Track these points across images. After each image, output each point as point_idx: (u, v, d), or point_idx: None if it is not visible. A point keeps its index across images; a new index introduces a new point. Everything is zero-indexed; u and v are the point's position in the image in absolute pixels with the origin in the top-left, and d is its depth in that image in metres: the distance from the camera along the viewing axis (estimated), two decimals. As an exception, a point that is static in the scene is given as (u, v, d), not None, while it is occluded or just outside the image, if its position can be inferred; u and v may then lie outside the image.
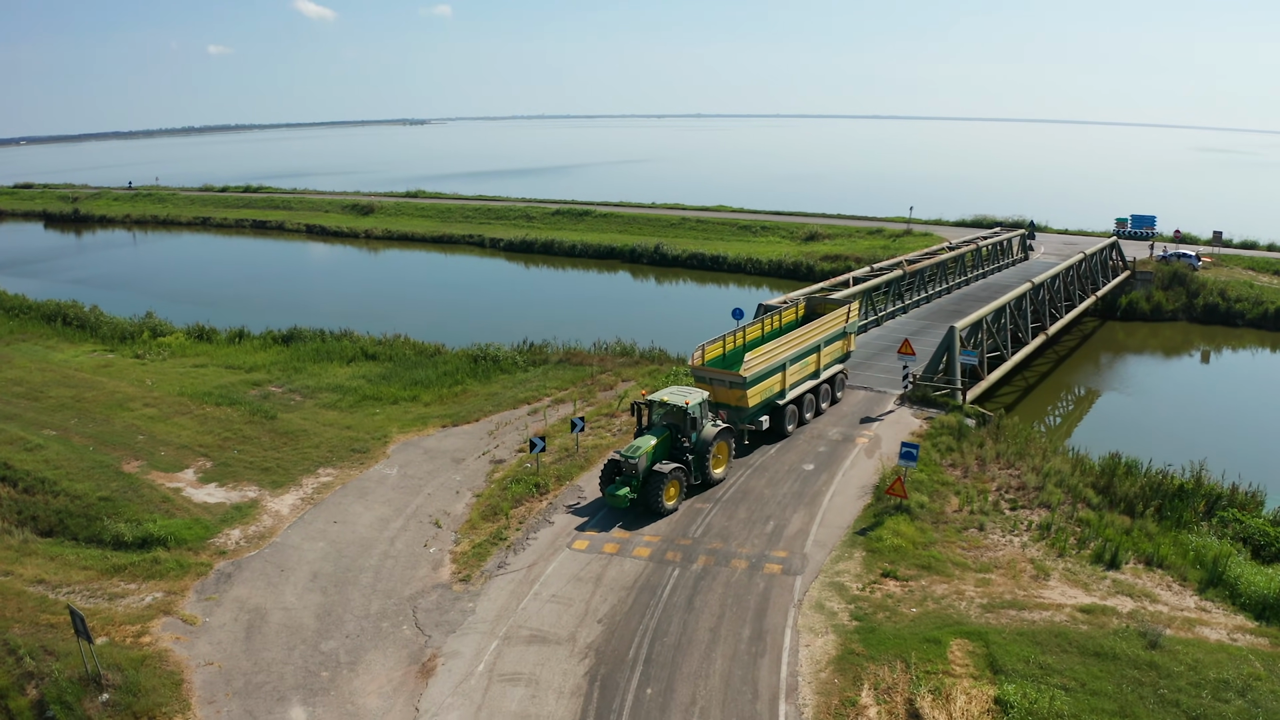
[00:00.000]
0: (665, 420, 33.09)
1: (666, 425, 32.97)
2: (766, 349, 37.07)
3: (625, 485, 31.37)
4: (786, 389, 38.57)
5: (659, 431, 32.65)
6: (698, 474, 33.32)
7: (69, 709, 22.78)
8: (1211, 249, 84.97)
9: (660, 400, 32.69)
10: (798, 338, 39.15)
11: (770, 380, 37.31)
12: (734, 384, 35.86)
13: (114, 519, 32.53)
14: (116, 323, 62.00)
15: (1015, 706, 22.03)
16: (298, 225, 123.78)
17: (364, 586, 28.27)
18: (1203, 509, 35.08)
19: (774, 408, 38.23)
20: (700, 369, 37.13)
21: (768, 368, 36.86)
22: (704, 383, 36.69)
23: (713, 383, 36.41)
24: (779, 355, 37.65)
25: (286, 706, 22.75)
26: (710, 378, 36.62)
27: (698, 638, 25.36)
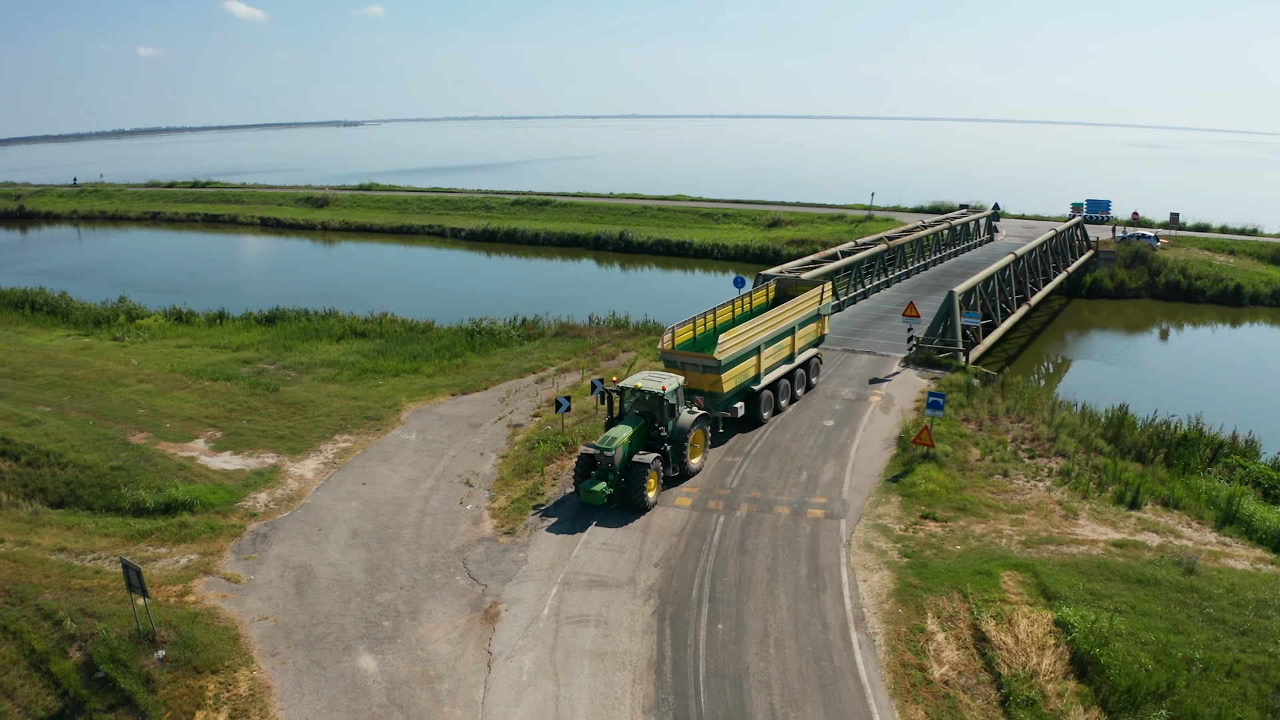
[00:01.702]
0: (638, 408, 30.51)
1: (640, 413, 30.38)
2: (741, 331, 35.04)
3: (602, 480, 28.62)
4: (762, 374, 36.39)
5: (633, 420, 29.96)
6: (675, 464, 30.63)
7: (123, 667, 21.98)
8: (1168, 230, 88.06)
9: (634, 387, 30.07)
10: (772, 319, 37.14)
11: (745, 364, 35.15)
12: (708, 368, 33.57)
13: (131, 487, 31.47)
14: (88, 308, 59.89)
15: (1076, 627, 22.79)
16: (251, 219, 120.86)
17: (407, 542, 27.82)
18: (1207, 456, 36.44)
19: (749, 394, 36.00)
20: (671, 353, 34.67)
21: (742, 351, 34.67)
22: (675, 367, 34.26)
23: (684, 367, 33.99)
24: (754, 338, 35.49)
25: (353, 655, 22.29)
26: (682, 361, 34.21)
27: (757, 577, 25.55)
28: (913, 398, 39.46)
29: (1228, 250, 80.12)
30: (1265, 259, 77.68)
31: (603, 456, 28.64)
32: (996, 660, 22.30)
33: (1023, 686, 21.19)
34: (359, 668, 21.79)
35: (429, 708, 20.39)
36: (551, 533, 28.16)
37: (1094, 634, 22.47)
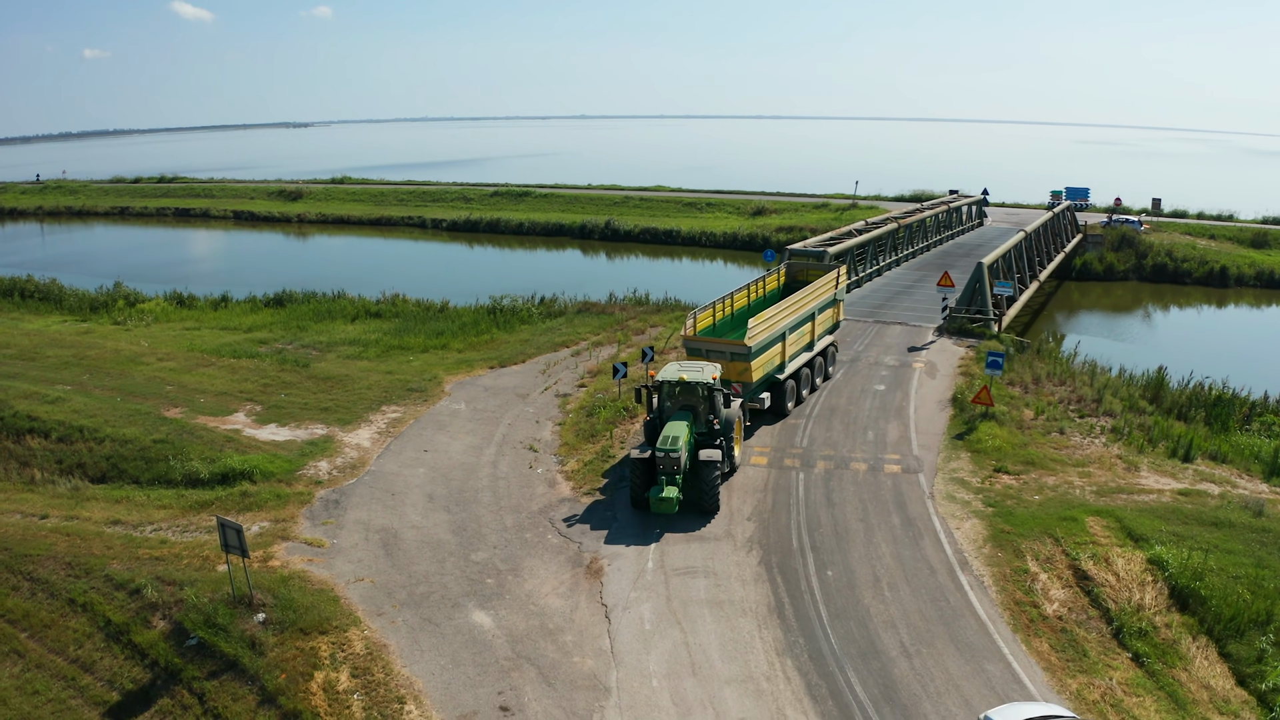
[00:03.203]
0: (682, 402, 27.50)
1: (683, 407, 27.50)
2: (769, 315, 32.14)
3: (672, 485, 25.36)
4: (786, 361, 33.82)
5: (682, 415, 27.04)
6: (727, 460, 27.95)
7: (222, 632, 21.08)
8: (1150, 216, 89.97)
9: (678, 379, 27.12)
10: (796, 303, 34.25)
11: (771, 352, 32.54)
12: (737, 355, 30.88)
13: (180, 459, 30.34)
14: (82, 294, 57.75)
15: (1170, 564, 23.46)
16: (224, 212, 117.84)
17: (487, 504, 27.17)
18: (1242, 416, 37.23)
19: (774, 383, 33.37)
20: (695, 340, 31.96)
21: (769, 337, 32.03)
22: (699, 355, 31.73)
23: (708, 355, 31.45)
24: (779, 323, 32.79)
25: (464, 612, 21.66)
26: (706, 349, 31.65)
27: (852, 527, 25.42)
28: (954, 364, 39.70)
29: (1208, 235, 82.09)
30: (1245, 242, 79.76)
31: (667, 459, 25.20)
32: (1102, 596, 22.60)
33: (1132, 619, 21.63)
34: (474, 623, 21.16)
35: (558, 659, 19.86)
36: (628, 491, 27.69)
37: (1188, 569, 23.15)
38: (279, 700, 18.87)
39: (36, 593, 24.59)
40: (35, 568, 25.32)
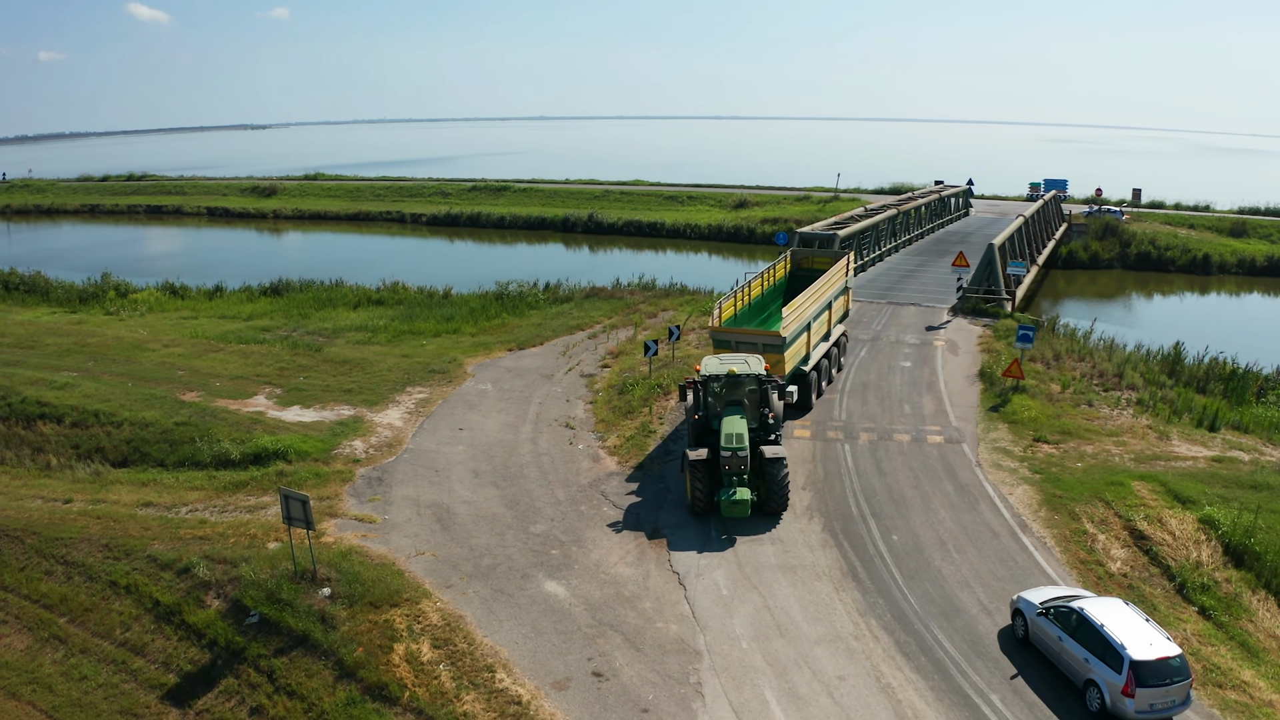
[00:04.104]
0: (728, 397, 25.50)
1: (730, 402, 25.46)
2: (799, 304, 30.61)
3: (743, 486, 23.65)
4: (810, 352, 32.27)
5: (735, 410, 24.95)
6: None
7: (287, 607, 20.40)
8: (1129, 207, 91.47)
9: (727, 372, 25.28)
10: (818, 291, 32.71)
11: (799, 343, 30.83)
12: (769, 346, 29.07)
13: (208, 440, 29.48)
14: (69, 286, 56.08)
15: (1221, 523, 23.79)
16: (196, 209, 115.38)
17: (534, 479, 26.70)
18: (1256, 389, 37.87)
19: (800, 375, 31.55)
20: (723, 331, 30.14)
21: (799, 327, 30.47)
22: (726, 347, 29.74)
23: (737, 347, 29.46)
24: (806, 312, 31.18)
25: (535, 582, 21.20)
26: (736, 340, 29.78)
27: (907, 495, 25.38)
28: (974, 342, 39.94)
29: (1188, 224, 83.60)
30: (1224, 232, 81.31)
31: (734, 458, 23.40)
32: (1161, 555, 22.80)
33: (1193, 575, 21.90)
34: (547, 593, 20.72)
35: (641, 625, 19.50)
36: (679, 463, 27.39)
37: (1240, 528, 23.48)
38: (359, 674, 18.28)
39: (73, 576, 23.73)
40: (69, 551, 24.43)
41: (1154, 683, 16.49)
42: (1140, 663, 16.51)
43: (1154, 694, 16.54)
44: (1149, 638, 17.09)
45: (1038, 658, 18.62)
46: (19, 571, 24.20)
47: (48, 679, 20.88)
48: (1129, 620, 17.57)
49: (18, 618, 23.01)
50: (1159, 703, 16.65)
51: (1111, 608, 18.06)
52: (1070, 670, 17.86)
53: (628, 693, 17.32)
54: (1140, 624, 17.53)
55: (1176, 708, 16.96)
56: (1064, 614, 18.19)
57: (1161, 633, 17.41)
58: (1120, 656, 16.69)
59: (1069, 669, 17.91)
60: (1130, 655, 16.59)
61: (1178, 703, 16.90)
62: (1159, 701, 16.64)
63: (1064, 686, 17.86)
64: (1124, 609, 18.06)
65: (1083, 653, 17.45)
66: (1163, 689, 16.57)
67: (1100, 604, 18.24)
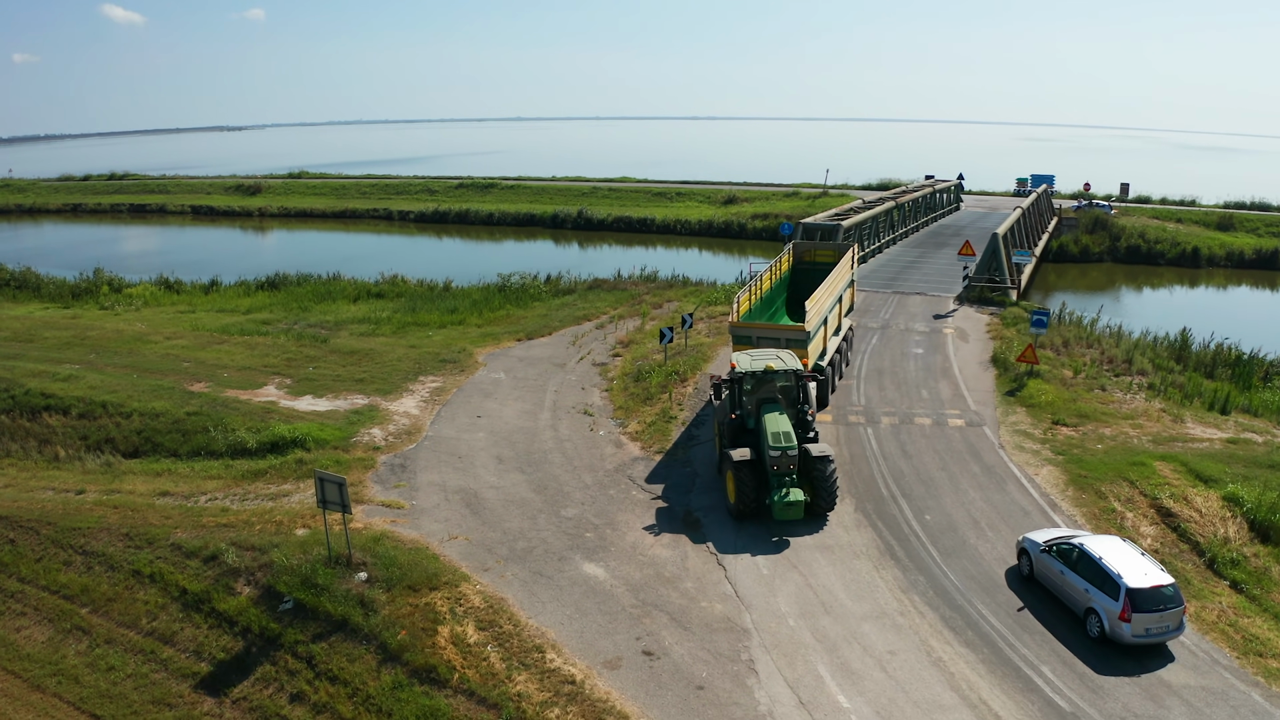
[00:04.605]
0: (762, 394, 24.51)
1: (765, 399, 24.47)
2: (819, 296, 29.91)
3: (796, 487, 22.62)
4: (826, 346, 31.66)
5: (773, 408, 24.01)
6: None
7: (324, 592, 20.08)
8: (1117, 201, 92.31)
9: (765, 368, 24.30)
10: (833, 284, 32.02)
11: (819, 337, 30.12)
12: (792, 341, 27.95)
13: (222, 430, 29.02)
14: (60, 282, 55.09)
15: (1246, 500, 23.99)
16: (181, 207, 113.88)
17: (559, 465, 26.47)
18: (1262, 374, 38.29)
19: (818, 370, 30.19)
20: (744, 326, 29.08)
21: (819, 320, 29.73)
22: (747, 343, 28.54)
23: (758, 342, 28.41)
24: (825, 304, 30.48)
25: (573, 565, 20.99)
26: (758, 335, 28.66)
27: (935, 476, 25.38)
28: (982, 329, 40.09)
29: (1175, 219, 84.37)
30: (1211, 225, 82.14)
31: (784, 458, 22.39)
32: (1189, 531, 22.95)
33: (1222, 550, 22.07)
34: (587, 575, 20.51)
35: (685, 605, 19.34)
36: (706, 449, 27.31)
37: (1264, 505, 23.68)
38: (404, 657, 18.00)
39: (93, 566, 23.29)
40: (87, 541, 23.98)
41: (1149, 608, 17.67)
42: (1136, 590, 17.71)
43: (1149, 619, 17.73)
44: (1144, 568, 18.32)
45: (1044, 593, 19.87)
46: (35, 563, 23.72)
47: (73, 670, 20.46)
48: (1126, 553, 18.84)
49: (37, 609, 22.55)
50: (1154, 627, 17.82)
51: (1109, 543, 19.37)
52: (1071, 601, 19.09)
53: (680, 671, 17.15)
54: (1136, 557, 18.77)
55: (1170, 633, 18.08)
56: (1066, 550, 19.47)
57: (1156, 565, 18.65)
58: (1117, 585, 17.91)
59: (1070, 600, 19.13)
60: (1126, 583, 17.80)
61: (1171, 628, 18.04)
62: (1154, 626, 17.81)
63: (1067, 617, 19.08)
64: (1121, 544, 19.33)
65: (1083, 584, 18.70)
66: (1157, 614, 17.74)
67: (1099, 540, 19.53)
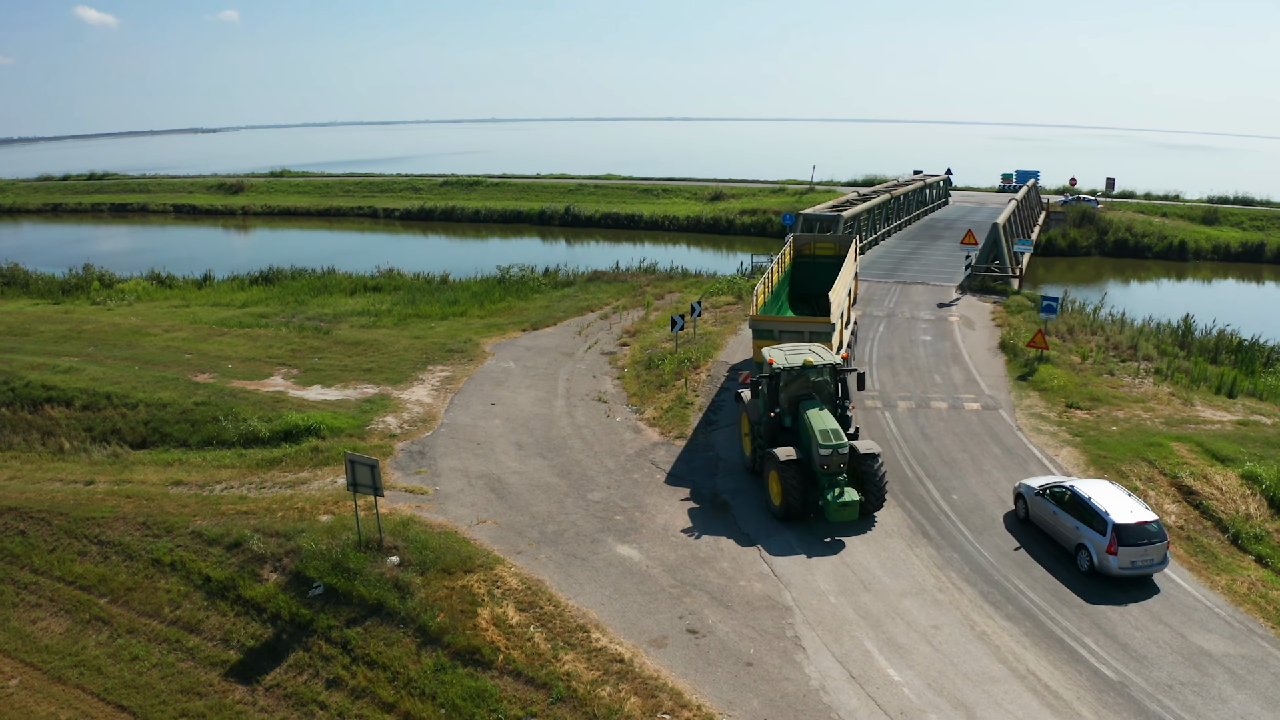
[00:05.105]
0: (796, 391, 23.49)
1: (800, 396, 23.50)
2: (838, 288, 29.28)
3: (849, 486, 21.68)
4: (842, 339, 31.06)
5: (811, 404, 23.03)
6: None
7: (356, 576, 19.76)
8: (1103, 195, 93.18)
9: (803, 363, 23.17)
10: (847, 275, 31.34)
11: (836, 331, 29.10)
12: (816, 335, 27.13)
13: (232, 419, 28.58)
14: (49, 278, 54.04)
15: (1263, 478, 24.14)
16: (163, 206, 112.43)
17: (580, 450, 26.27)
18: (1264, 359, 38.72)
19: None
20: (763, 320, 28.20)
21: (839, 312, 29.00)
22: (768, 337, 27.59)
23: (780, 336, 27.49)
24: (842, 297, 29.71)
25: (606, 546, 20.80)
26: (780, 330, 27.76)
27: (958, 457, 25.41)
28: (987, 317, 40.28)
29: (1160, 213, 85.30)
30: (1196, 219, 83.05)
31: (835, 456, 21.41)
32: (1212, 508, 23.05)
33: (1245, 526, 22.20)
34: (621, 556, 20.33)
35: (724, 584, 19.20)
36: (726, 433, 27.21)
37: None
38: (445, 640, 17.74)
39: (110, 556, 22.85)
40: (102, 531, 23.53)
41: (1134, 542, 18.96)
42: (1121, 525, 19.04)
43: (1134, 552, 19.01)
44: (1130, 507, 19.63)
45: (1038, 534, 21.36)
46: (49, 554, 23.24)
47: (94, 661, 20.03)
48: (1113, 494, 20.23)
49: (52, 600, 22.09)
50: (1139, 560, 19.09)
51: (1098, 485, 20.81)
52: (1063, 539, 20.48)
53: (727, 648, 17.01)
54: (1123, 497, 20.11)
55: (1155, 566, 19.35)
56: (1058, 492, 20.86)
57: (1142, 504, 19.93)
58: (1104, 521, 19.25)
59: (1062, 538, 20.52)
60: (1113, 519, 19.14)
61: (1156, 562, 19.32)
62: (1139, 559, 19.08)
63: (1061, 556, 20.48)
64: (1110, 486, 20.80)
65: (1073, 522, 20.07)
66: (1141, 548, 19.01)
67: (1089, 483, 21.00)
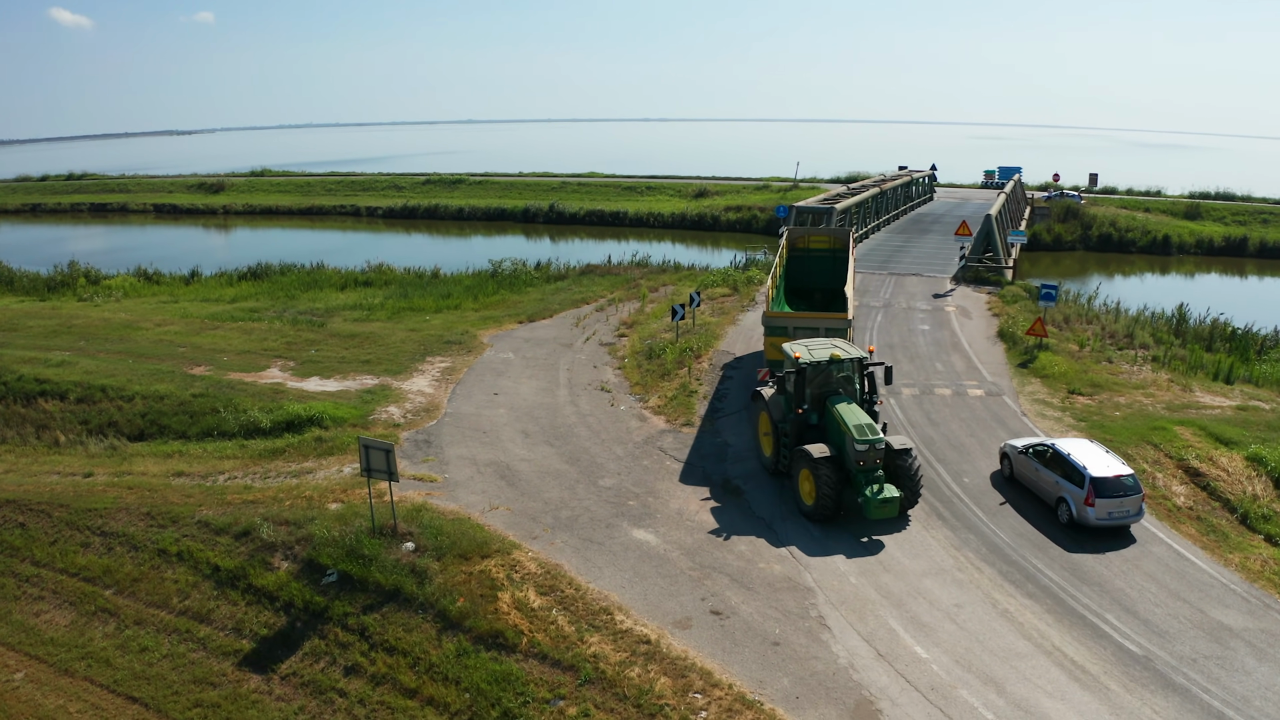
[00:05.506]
0: (824, 386, 22.86)
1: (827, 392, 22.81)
2: (850, 284, 29.17)
3: (889, 482, 21.16)
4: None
5: (844, 399, 22.37)
6: None
7: (372, 563, 19.50)
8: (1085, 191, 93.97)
9: (830, 357, 22.49)
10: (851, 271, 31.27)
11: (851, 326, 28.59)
12: (833, 330, 26.77)
13: (232, 410, 28.21)
14: (33, 275, 53.13)
15: (1268, 460, 24.40)
16: (143, 206, 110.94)
17: (587, 438, 26.11)
18: (1259, 346, 39.18)
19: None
20: (777, 316, 27.63)
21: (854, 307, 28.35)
22: (782, 334, 26.90)
23: (794, 332, 26.79)
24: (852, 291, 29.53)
25: (621, 531, 20.67)
26: (794, 326, 27.13)
27: (965, 442, 25.49)
28: (983, 307, 40.49)
29: (1143, 208, 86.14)
30: (1178, 214, 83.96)
31: (873, 451, 20.72)
32: (1219, 489, 23.28)
33: (1252, 506, 22.45)
34: (638, 540, 20.20)
35: (744, 566, 19.12)
36: (733, 420, 27.14)
37: None
38: (466, 624, 17.54)
39: (114, 547, 22.46)
40: (105, 522, 23.13)
41: (1110, 494, 20.08)
42: (1098, 478, 20.17)
43: (1110, 504, 20.11)
44: (1107, 462, 20.78)
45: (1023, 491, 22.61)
46: (50, 545, 22.82)
47: (102, 653, 19.66)
48: (1092, 450, 21.40)
49: (56, 593, 21.68)
50: (1115, 511, 20.17)
51: (1078, 443, 22.00)
52: (1045, 493, 21.64)
53: (752, 628, 16.92)
54: (1101, 454, 21.24)
55: (1131, 517, 20.42)
56: (1041, 450, 22.10)
57: (1119, 460, 21.13)
58: (1082, 475, 20.38)
59: (1044, 492, 21.66)
60: (1090, 473, 20.27)
61: (1132, 513, 20.40)
62: (1115, 510, 20.16)
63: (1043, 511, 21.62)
64: (1089, 444, 21.93)
65: (1054, 477, 21.24)
66: (1117, 499, 20.12)
67: (1069, 441, 22.20)
